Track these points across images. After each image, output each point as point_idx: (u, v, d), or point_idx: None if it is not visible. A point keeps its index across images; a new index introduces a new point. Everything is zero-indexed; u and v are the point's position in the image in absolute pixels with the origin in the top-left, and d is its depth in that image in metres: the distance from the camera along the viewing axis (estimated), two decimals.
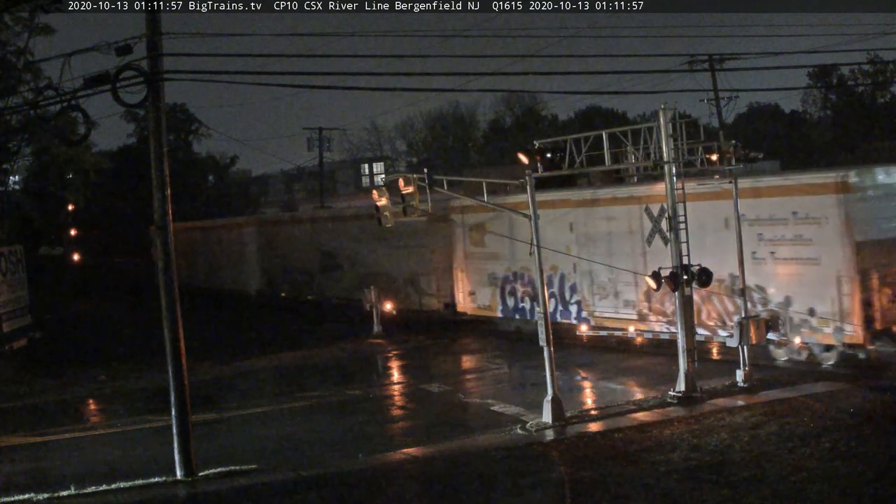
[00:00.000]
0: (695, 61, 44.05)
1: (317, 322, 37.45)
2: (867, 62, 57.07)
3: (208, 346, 30.89)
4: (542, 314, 19.32)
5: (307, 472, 16.50)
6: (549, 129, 74.01)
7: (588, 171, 24.26)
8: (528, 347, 23.85)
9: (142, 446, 19.25)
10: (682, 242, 20.30)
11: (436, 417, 20.50)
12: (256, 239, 47.38)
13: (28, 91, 33.96)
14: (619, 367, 24.77)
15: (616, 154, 22.22)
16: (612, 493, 14.25)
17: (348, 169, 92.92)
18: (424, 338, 31.88)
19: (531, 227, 19.71)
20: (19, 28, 35.84)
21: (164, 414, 17.87)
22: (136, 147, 67.35)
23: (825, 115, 70.25)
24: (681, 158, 20.75)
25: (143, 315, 41.77)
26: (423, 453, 17.50)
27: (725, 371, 21.82)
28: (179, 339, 16.59)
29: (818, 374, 21.67)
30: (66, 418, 22.61)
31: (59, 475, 16.89)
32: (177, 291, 16.72)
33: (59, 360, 31.14)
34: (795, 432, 16.81)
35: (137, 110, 37.49)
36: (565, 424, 18.72)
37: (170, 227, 16.64)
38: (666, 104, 20.58)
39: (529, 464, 16.26)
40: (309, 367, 28.45)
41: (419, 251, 34.43)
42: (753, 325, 21.12)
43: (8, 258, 32.49)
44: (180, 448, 16.46)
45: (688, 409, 19.29)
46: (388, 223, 21.28)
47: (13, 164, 44.00)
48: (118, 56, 15.57)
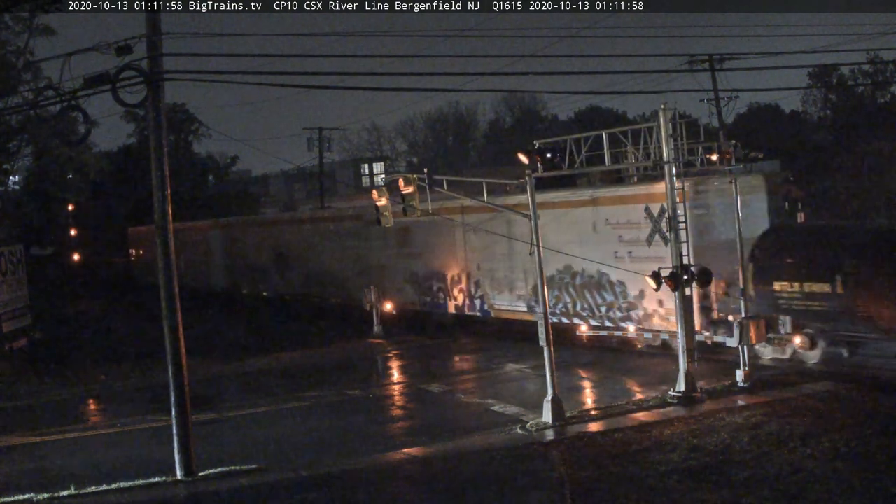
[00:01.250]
0: (695, 61, 44.00)
1: (272, 315, 40.70)
2: (867, 62, 57.05)
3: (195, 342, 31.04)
4: (542, 314, 19.33)
5: (307, 472, 16.51)
6: (549, 129, 74.03)
7: (588, 170, 24.30)
8: (530, 347, 23.96)
9: (142, 446, 19.25)
10: (683, 242, 20.31)
11: (436, 417, 20.50)
12: (221, 240, 50.45)
13: (28, 91, 33.96)
14: (618, 367, 24.78)
15: (616, 154, 22.24)
16: (612, 493, 14.26)
17: (348, 169, 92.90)
18: (424, 338, 31.94)
19: (531, 227, 19.72)
20: (19, 28, 35.81)
21: (164, 414, 17.88)
22: (136, 147, 67.30)
23: (825, 115, 70.20)
24: (681, 158, 20.77)
25: (122, 313, 45.91)
26: (423, 453, 17.50)
27: (725, 371, 21.83)
28: (179, 339, 16.59)
29: (818, 375, 21.69)
30: (66, 418, 22.60)
31: (59, 475, 16.90)
32: (177, 291, 16.72)
33: (59, 360, 31.14)
34: (795, 432, 16.81)
35: (137, 110, 37.54)
36: (565, 424, 18.73)
37: (170, 227, 16.64)
38: (666, 104, 20.60)
39: (529, 464, 16.26)
40: (308, 367, 28.43)
41: (357, 252, 37.40)
42: (753, 325, 21.13)
43: (8, 258, 32.48)
44: (180, 448, 16.47)
45: (688, 409, 19.30)
46: (388, 223, 21.29)
47: (13, 164, 43.96)
48: (118, 56, 15.57)
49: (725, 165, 21.85)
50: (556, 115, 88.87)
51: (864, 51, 66.82)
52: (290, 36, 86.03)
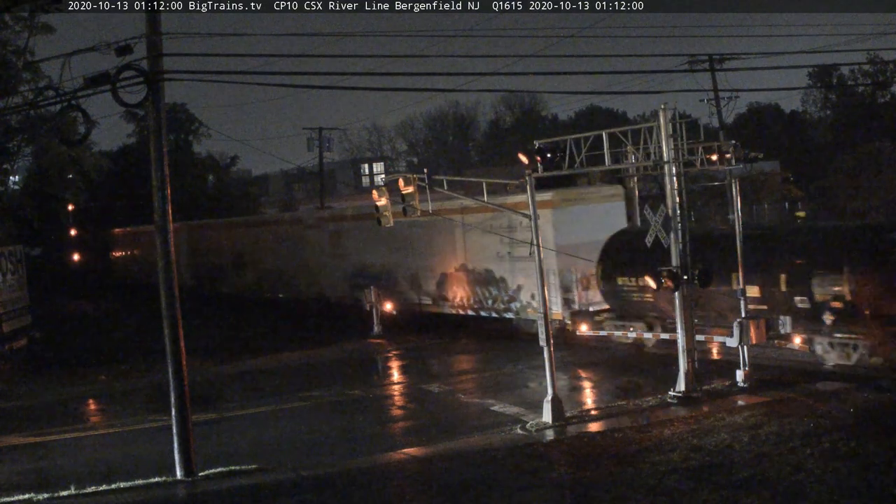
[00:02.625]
0: (695, 61, 43.99)
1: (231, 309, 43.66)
2: (867, 62, 57.08)
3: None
4: (542, 314, 19.33)
5: (307, 472, 16.51)
6: (549, 129, 74.02)
7: (588, 170, 24.31)
8: (528, 346, 24.00)
9: (142, 446, 19.25)
10: (681, 242, 20.30)
11: (436, 417, 20.50)
12: (187, 241, 52.14)
13: (28, 91, 33.89)
14: (618, 366, 24.77)
15: (616, 154, 22.24)
16: (612, 493, 14.25)
17: (348, 169, 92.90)
18: (424, 338, 31.93)
19: (531, 227, 19.72)
20: (19, 27, 35.72)
21: (164, 414, 17.89)
22: (136, 147, 67.25)
23: (825, 115, 70.25)
24: (681, 158, 20.77)
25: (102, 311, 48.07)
26: (423, 453, 17.50)
27: (725, 371, 21.83)
28: (179, 339, 16.58)
29: (818, 375, 21.69)
30: (66, 418, 22.60)
31: (59, 475, 16.88)
32: (177, 291, 16.70)
33: (60, 360, 31.13)
34: (795, 432, 16.80)
35: (137, 110, 37.64)
36: (565, 424, 18.72)
37: (170, 227, 16.63)
38: (666, 104, 20.65)
39: (529, 464, 16.25)
40: (309, 367, 28.44)
41: (299, 252, 41.98)
42: (753, 325, 21.12)
43: (8, 258, 32.47)
44: (180, 448, 16.46)
45: (688, 409, 19.29)
46: (388, 223, 21.29)
47: (13, 164, 43.87)
48: (118, 56, 15.56)
49: (725, 165, 21.87)
50: (556, 115, 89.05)
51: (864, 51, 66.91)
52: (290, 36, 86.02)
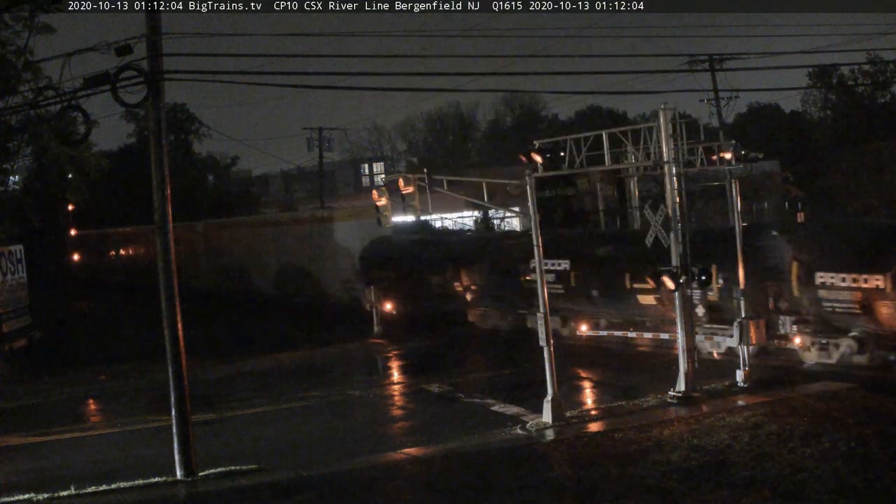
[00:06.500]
0: (695, 61, 44.02)
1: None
2: (867, 62, 57.02)
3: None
4: (542, 314, 19.32)
5: (307, 472, 16.50)
6: (549, 129, 74.02)
7: (588, 170, 24.32)
8: (530, 347, 23.97)
9: (142, 446, 19.24)
10: (681, 242, 20.29)
11: (436, 417, 20.49)
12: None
13: (28, 91, 33.87)
14: (618, 366, 24.77)
15: (616, 154, 22.25)
16: (612, 493, 14.25)
17: (348, 169, 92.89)
18: (424, 338, 31.91)
19: (532, 226, 19.70)
20: (19, 27, 35.72)
21: (164, 414, 17.86)
22: (136, 147, 67.29)
23: (825, 115, 70.21)
24: (681, 158, 20.76)
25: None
26: (423, 453, 17.49)
27: (725, 371, 21.83)
28: (179, 339, 16.56)
29: (819, 375, 21.70)
30: (66, 418, 22.58)
31: (59, 475, 16.86)
32: (177, 291, 16.68)
33: (60, 360, 31.12)
34: (795, 432, 16.80)
35: (137, 110, 37.57)
36: (565, 424, 18.71)
37: (170, 227, 16.61)
38: (666, 104, 20.60)
39: (530, 464, 16.26)
40: (309, 367, 28.45)
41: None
42: (753, 325, 21.13)
43: (8, 258, 32.44)
44: (180, 448, 16.44)
45: (688, 409, 19.29)
46: (387, 223, 21.30)
47: (13, 164, 43.88)
48: (118, 56, 15.56)
49: (725, 166, 21.89)
50: (556, 115, 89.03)
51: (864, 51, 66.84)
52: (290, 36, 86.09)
